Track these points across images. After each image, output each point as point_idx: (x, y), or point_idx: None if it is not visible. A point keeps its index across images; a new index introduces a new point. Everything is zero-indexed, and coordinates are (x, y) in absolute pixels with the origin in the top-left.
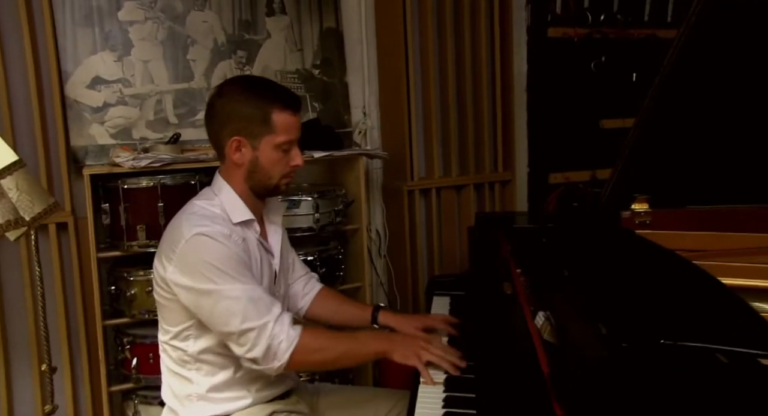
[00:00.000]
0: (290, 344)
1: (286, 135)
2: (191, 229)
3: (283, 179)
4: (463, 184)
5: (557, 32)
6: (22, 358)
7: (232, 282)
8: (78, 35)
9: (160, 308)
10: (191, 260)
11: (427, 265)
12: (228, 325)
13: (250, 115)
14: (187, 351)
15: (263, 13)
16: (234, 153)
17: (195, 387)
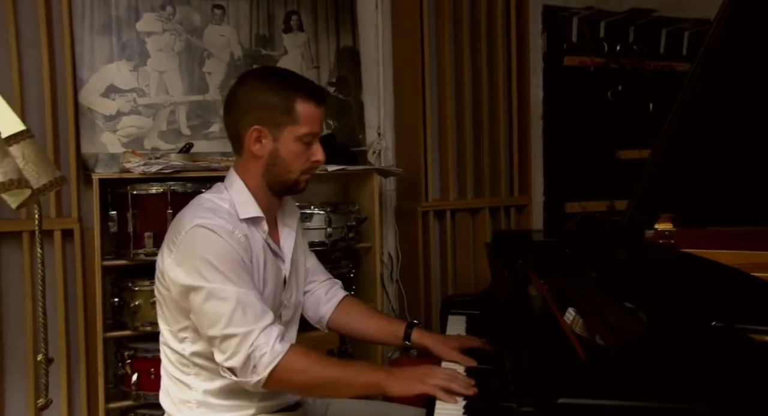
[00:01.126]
0: (272, 359)
1: (309, 126)
2: (192, 220)
3: (303, 175)
4: (479, 206)
5: (573, 61)
6: (18, 375)
7: (224, 281)
8: (95, 44)
9: (160, 305)
10: (187, 252)
11: (440, 289)
12: (212, 327)
13: (273, 104)
14: (185, 354)
15: (281, 30)
16: (254, 144)
17: (194, 393)
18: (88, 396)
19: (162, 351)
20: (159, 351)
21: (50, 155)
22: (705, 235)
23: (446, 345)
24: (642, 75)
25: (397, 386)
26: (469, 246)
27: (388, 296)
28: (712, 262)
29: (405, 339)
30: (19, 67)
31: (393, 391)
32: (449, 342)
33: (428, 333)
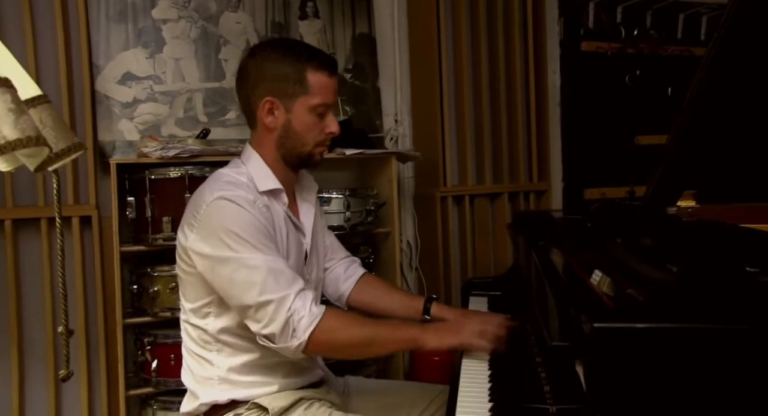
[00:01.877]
0: (311, 321)
1: (322, 97)
2: (213, 193)
3: (318, 147)
4: (498, 192)
5: (590, 46)
6: (38, 363)
7: (252, 250)
8: (111, 31)
9: (181, 283)
10: (211, 225)
11: (460, 275)
12: (245, 297)
13: (284, 75)
14: (207, 330)
15: (296, 17)
16: (266, 116)
17: (216, 370)
18: (108, 384)
19: (183, 329)
20: (179, 337)
21: None
22: (728, 211)
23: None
24: (660, 60)
25: (431, 339)
26: (488, 232)
27: (407, 283)
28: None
29: (425, 313)
30: (35, 55)
31: (428, 344)
32: (469, 314)
33: (448, 307)
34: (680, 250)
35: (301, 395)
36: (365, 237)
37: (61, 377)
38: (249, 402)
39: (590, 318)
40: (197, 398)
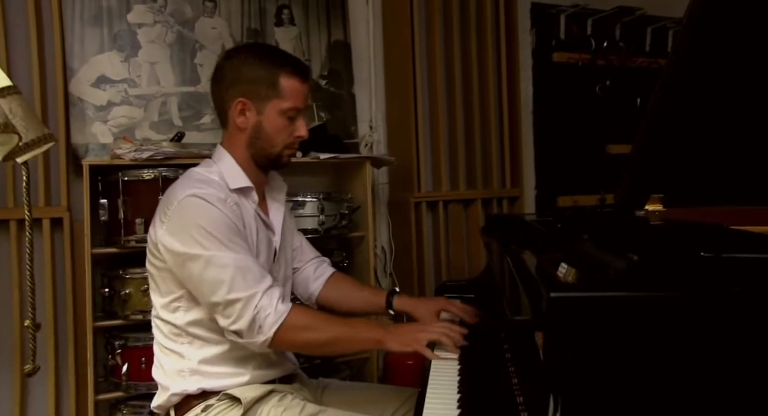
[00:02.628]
0: (277, 319)
1: (293, 101)
2: (185, 191)
3: (286, 150)
4: (471, 198)
5: (562, 57)
6: (3, 363)
7: (221, 248)
8: (86, 34)
9: (152, 278)
10: (182, 222)
11: (434, 280)
12: (214, 294)
13: (258, 78)
14: (177, 324)
15: (272, 23)
16: (238, 116)
17: (187, 362)
18: (77, 388)
19: (154, 325)
20: (150, 340)
21: None
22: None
23: (426, 308)
24: (629, 71)
25: (395, 343)
26: (462, 237)
27: (381, 288)
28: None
29: (388, 307)
30: (7, 56)
31: (391, 347)
32: (429, 304)
33: (408, 298)
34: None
35: (273, 387)
36: (339, 242)
37: (26, 371)
38: (220, 393)
39: (547, 289)
40: (168, 390)
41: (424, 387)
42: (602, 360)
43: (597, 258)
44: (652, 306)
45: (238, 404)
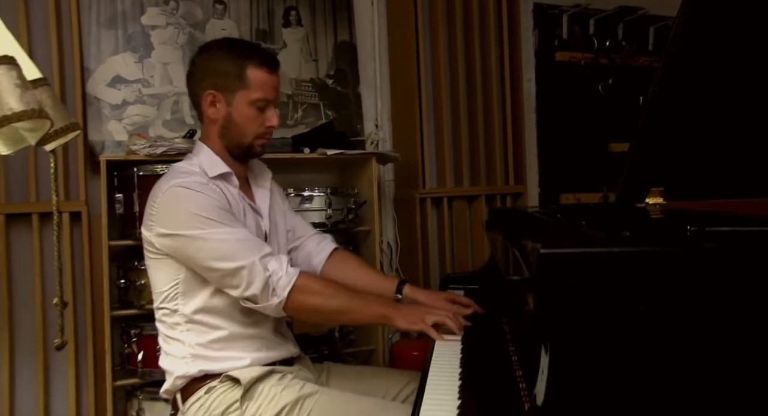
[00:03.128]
0: (289, 280)
1: (261, 92)
2: (167, 183)
3: (258, 140)
4: (475, 194)
5: (564, 56)
6: (27, 354)
7: (216, 225)
8: (102, 36)
9: (150, 272)
10: (171, 211)
11: (439, 275)
12: (219, 267)
13: (226, 70)
14: (177, 312)
15: (280, 24)
16: (209, 108)
17: (188, 348)
18: (95, 376)
19: (156, 316)
20: None
21: None
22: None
23: (437, 299)
24: (631, 70)
25: (402, 320)
26: (466, 233)
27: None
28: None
29: (397, 293)
30: (30, 57)
31: (398, 324)
32: (440, 295)
33: (419, 288)
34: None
35: (273, 368)
36: (346, 236)
37: (55, 346)
38: (222, 375)
39: (539, 246)
40: (173, 375)
41: (427, 365)
42: (589, 315)
43: (591, 236)
44: (632, 261)
45: (238, 384)
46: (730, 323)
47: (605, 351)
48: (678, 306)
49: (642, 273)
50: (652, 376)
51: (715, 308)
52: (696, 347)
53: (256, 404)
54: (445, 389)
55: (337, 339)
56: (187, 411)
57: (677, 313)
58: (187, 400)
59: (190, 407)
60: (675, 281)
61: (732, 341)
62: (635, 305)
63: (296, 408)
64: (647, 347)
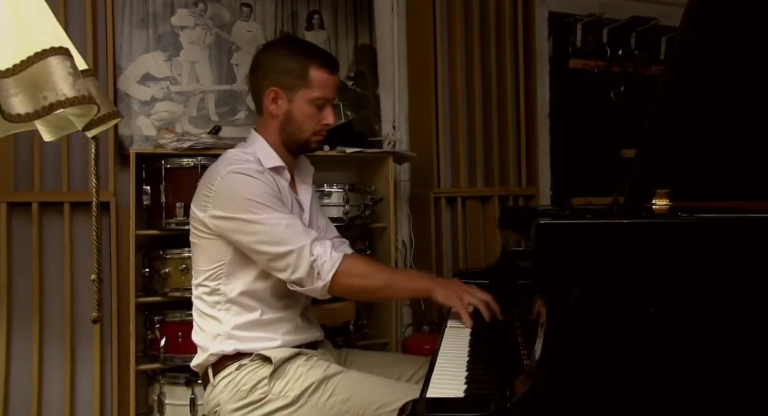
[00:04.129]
0: (333, 264)
1: (321, 91)
2: (225, 169)
3: (314, 136)
4: (489, 195)
5: (578, 63)
6: (57, 341)
7: (269, 211)
8: (134, 35)
9: (196, 250)
10: (228, 196)
11: (452, 273)
12: (269, 252)
13: (289, 68)
14: (218, 291)
15: (303, 27)
16: (270, 104)
17: (223, 326)
18: (119, 360)
19: (196, 292)
20: (187, 316)
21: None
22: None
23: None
24: (643, 78)
25: (441, 294)
26: (479, 233)
27: None
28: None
29: None
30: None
31: (438, 298)
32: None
33: (437, 277)
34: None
35: (300, 350)
36: (363, 231)
37: (92, 319)
38: (253, 354)
39: (537, 219)
40: (206, 351)
41: (438, 347)
42: (581, 278)
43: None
44: (615, 230)
45: (268, 363)
46: (708, 289)
47: (597, 310)
48: (657, 270)
49: (624, 241)
50: (635, 331)
51: (693, 273)
52: (672, 307)
53: (283, 381)
54: (454, 364)
55: (352, 331)
56: (217, 384)
57: (658, 277)
58: (217, 375)
59: (220, 381)
60: (654, 249)
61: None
62: (621, 270)
63: (321, 387)
64: (632, 307)
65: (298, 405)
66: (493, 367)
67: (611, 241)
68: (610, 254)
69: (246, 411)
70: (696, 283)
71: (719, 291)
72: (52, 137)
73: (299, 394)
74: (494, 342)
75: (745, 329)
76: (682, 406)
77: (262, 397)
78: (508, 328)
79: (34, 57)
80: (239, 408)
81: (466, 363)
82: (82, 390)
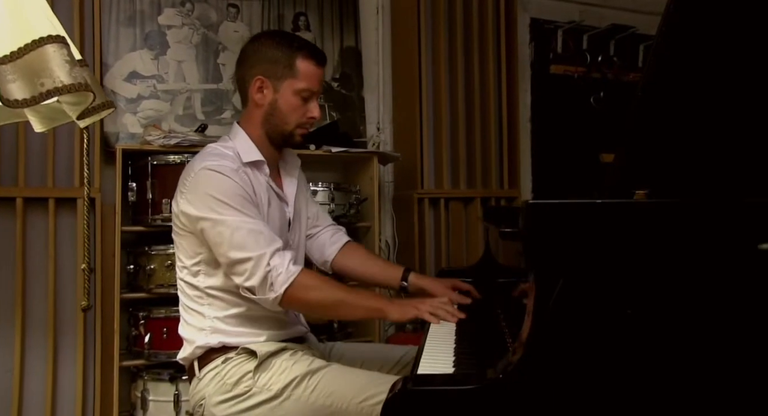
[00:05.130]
0: (288, 278)
1: (307, 82)
2: (200, 164)
3: (299, 129)
4: (471, 196)
5: (558, 69)
6: (39, 335)
7: (234, 213)
8: (121, 33)
9: (177, 243)
10: (199, 192)
11: (434, 272)
12: (228, 254)
13: (276, 58)
14: (198, 287)
15: (290, 29)
16: (256, 92)
17: (208, 321)
18: (102, 357)
19: (179, 287)
20: (171, 312)
21: (77, 132)
22: None
23: (441, 284)
24: (622, 85)
25: (395, 311)
26: (461, 233)
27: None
28: None
29: (402, 280)
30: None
31: (392, 316)
32: (444, 282)
33: (424, 276)
34: None
35: (286, 345)
36: (348, 230)
37: (82, 307)
38: (239, 348)
39: (526, 200)
40: (192, 344)
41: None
42: (568, 254)
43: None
44: (599, 209)
45: (253, 357)
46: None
47: (583, 284)
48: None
49: (605, 220)
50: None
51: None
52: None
53: (267, 375)
54: (441, 349)
55: (335, 330)
56: (203, 377)
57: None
58: (203, 368)
59: (206, 374)
60: (639, 229)
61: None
62: (604, 247)
63: (305, 381)
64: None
65: (281, 399)
66: (479, 352)
67: (599, 221)
68: (598, 233)
69: (230, 404)
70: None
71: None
72: (44, 128)
73: (282, 388)
74: (479, 332)
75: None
76: (671, 374)
77: (246, 390)
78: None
79: (32, 44)
80: (224, 401)
81: (453, 349)
82: (65, 387)
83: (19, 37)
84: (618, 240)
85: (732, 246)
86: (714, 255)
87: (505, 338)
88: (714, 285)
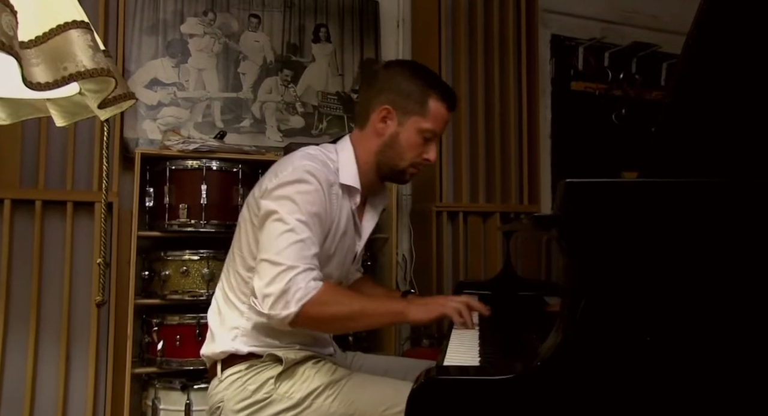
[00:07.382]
0: (305, 295)
1: (434, 124)
2: (302, 161)
3: (411, 168)
4: (490, 210)
5: (579, 86)
6: (53, 339)
7: (296, 220)
8: (143, 41)
9: (242, 230)
10: (285, 186)
11: (452, 287)
12: (267, 251)
13: (409, 92)
14: (249, 284)
15: (310, 40)
16: (379, 121)
17: (243, 321)
18: (114, 364)
19: (226, 274)
20: (185, 319)
21: (97, 136)
22: None
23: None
24: (644, 103)
25: (416, 312)
26: (480, 248)
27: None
28: None
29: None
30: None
31: (414, 317)
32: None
33: (423, 297)
34: None
35: (311, 353)
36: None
37: (96, 302)
38: (264, 355)
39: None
40: (220, 343)
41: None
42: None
43: None
44: (638, 188)
45: (278, 364)
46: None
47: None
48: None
49: (645, 199)
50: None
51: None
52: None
53: (289, 383)
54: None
55: (351, 343)
56: (224, 379)
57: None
58: (226, 369)
59: (228, 377)
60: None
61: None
62: (645, 228)
63: (327, 390)
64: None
65: (302, 408)
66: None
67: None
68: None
69: (250, 411)
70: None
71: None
72: (65, 122)
73: (304, 397)
74: (504, 335)
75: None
76: (709, 358)
77: (267, 397)
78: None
79: (57, 29)
80: (243, 408)
81: (478, 351)
82: (76, 394)
83: (44, 22)
84: (661, 221)
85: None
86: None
87: (532, 340)
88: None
